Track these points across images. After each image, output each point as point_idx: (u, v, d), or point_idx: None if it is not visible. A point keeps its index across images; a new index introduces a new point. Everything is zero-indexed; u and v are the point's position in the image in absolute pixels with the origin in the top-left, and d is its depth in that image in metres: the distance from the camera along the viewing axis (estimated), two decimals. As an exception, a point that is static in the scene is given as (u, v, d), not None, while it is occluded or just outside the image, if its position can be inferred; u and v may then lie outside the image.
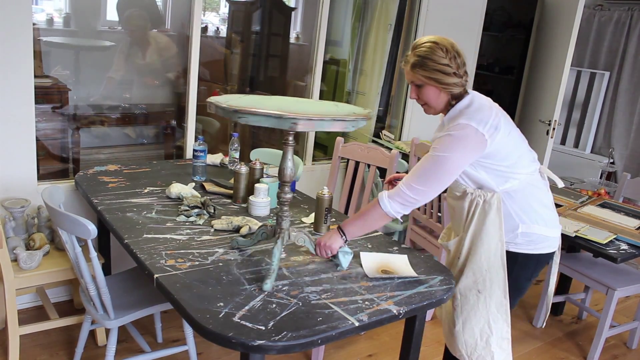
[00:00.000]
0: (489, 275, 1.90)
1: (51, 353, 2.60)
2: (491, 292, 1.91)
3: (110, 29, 4.24)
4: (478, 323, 1.94)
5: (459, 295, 1.96)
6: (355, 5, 4.21)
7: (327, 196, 2.16)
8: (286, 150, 1.76)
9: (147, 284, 2.31)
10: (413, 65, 1.81)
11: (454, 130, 1.75)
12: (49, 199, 2.04)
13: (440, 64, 1.77)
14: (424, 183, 1.75)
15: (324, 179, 3.59)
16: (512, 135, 1.83)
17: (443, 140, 1.76)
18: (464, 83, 1.83)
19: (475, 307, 1.94)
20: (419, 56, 1.80)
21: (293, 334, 1.48)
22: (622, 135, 4.90)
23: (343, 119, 1.63)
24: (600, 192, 3.56)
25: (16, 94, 2.62)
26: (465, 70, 1.84)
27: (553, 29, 4.34)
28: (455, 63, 1.79)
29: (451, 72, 1.78)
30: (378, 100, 4.06)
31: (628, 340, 3.23)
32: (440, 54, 1.77)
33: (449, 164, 1.74)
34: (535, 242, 1.92)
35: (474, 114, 1.77)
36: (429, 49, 1.78)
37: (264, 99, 1.92)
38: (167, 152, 4.12)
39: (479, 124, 1.74)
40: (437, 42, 1.79)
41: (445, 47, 1.78)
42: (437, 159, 1.75)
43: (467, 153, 1.76)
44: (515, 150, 1.84)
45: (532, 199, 1.89)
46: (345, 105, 1.89)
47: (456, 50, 1.81)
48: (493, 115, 1.79)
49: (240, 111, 1.57)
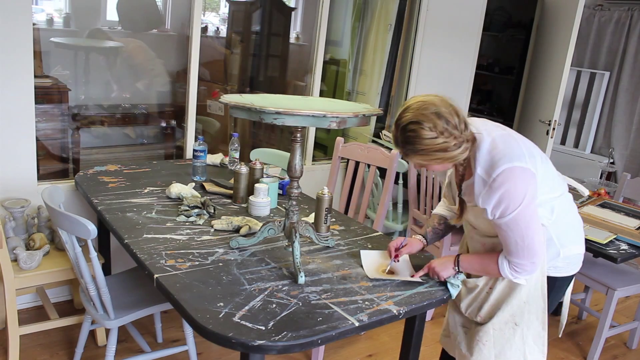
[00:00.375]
0: (527, 308, 1.78)
1: (51, 353, 2.60)
2: (529, 324, 1.80)
3: (110, 29, 4.25)
4: (513, 356, 1.82)
5: (491, 330, 1.82)
6: (355, 5, 4.21)
7: (327, 196, 2.16)
8: (294, 147, 1.83)
9: (147, 284, 2.31)
10: (405, 154, 1.61)
11: (503, 182, 1.55)
12: (49, 199, 2.04)
13: (435, 145, 1.54)
14: (527, 247, 1.61)
15: (324, 179, 3.59)
16: (541, 153, 1.70)
17: (504, 199, 1.56)
18: (469, 136, 1.59)
19: (511, 341, 1.81)
20: (408, 143, 1.56)
21: (293, 334, 1.48)
22: (622, 135, 4.90)
23: (371, 114, 1.74)
24: (600, 192, 3.56)
25: (16, 94, 2.62)
26: (465, 120, 1.58)
27: (553, 29, 4.34)
28: (451, 131, 1.53)
29: (451, 145, 1.54)
30: (378, 100, 4.06)
31: (628, 340, 3.23)
32: (430, 135, 1.52)
33: (528, 213, 1.58)
34: (573, 263, 1.85)
35: (507, 152, 1.58)
36: (415, 134, 1.53)
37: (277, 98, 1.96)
38: (167, 152, 4.13)
39: (519, 160, 1.57)
40: (420, 121, 1.52)
41: (432, 123, 1.52)
42: (515, 219, 1.58)
43: (532, 193, 1.58)
44: (550, 170, 1.71)
45: (568, 219, 1.80)
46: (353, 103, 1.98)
47: (444, 113, 1.54)
48: (520, 143, 1.64)
49: (282, 113, 1.61)
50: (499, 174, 1.56)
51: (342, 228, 2.31)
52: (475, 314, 1.88)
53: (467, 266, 1.80)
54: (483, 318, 1.85)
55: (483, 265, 1.76)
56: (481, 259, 1.77)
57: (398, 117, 1.59)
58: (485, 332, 1.83)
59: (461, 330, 1.96)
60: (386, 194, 2.78)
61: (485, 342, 1.83)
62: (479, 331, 1.85)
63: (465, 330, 1.95)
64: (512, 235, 1.62)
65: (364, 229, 2.31)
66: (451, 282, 1.83)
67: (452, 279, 1.83)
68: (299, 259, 1.82)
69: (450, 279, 1.83)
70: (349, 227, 2.32)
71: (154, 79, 4.20)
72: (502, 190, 1.56)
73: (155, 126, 4.26)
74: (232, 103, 1.69)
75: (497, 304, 1.81)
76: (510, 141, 1.63)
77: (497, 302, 1.81)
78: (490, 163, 1.59)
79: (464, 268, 1.81)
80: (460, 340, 1.94)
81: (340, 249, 2.08)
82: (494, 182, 1.57)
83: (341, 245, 2.11)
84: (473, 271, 1.81)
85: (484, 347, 1.83)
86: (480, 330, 1.85)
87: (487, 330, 1.83)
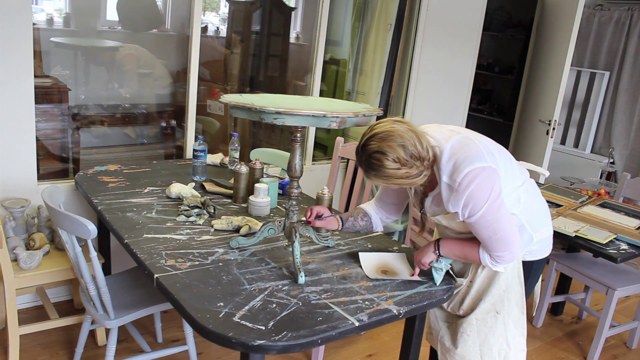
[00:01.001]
0: (506, 295, 1.86)
1: (51, 353, 2.60)
2: (509, 310, 1.87)
3: (110, 29, 4.25)
4: (496, 342, 1.89)
5: (474, 320, 1.89)
6: (355, 5, 4.21)
7: (327, 196, 2.16)
8: (294, 147, 1.82)
9: (147, 284, 2.31)
10: (367, 176, 1.65)
11: (468, 184, 1.60)
12: (49, 198, 2.04)
13: (396, 174, 1.59)
14: (502, 240, 1.66)
15: (324, 179, 3.59)
16: (498, 147, 1.74)
17: (470, 200, 1.61)
18: (430, 164, 1.64)
19: (494, 328, 1.88)
20: (372, 169, 1.61)
21: (293, 334, 1.48)
22: (622, 135, 4.90)
23: (371, 114, 1.75)
24: (600, 192, 3.56)
25: (16, 93, 2.62)
26: (427, 146, 1.62)
27: (553, 29, 4.34)
28: (413, 163, 1.59)
29: (413, 174, 1.60)
30: (378, 100, 4.05)
31: (628, 340, 3.23)
32: (393, 166, 1.58)
33: (494, 209, 1.62)
34: (546, 245, 1.91)
35: (467, 155, 1.63)
36: (379, 163, 1.58)
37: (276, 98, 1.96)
38: (167, 152, 4.13)
39: (480, 160, 1.62)
40: (385, 152, 1.57)
41: (396, 155, 1.56)
42: (483, 217, 1.63)
43: (496, 190, 1.62)
44: (509, 161, 1.75)
45: (535, 203, 1.85)
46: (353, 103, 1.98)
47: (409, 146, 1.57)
48: (477, 143, 1.67)
49: (282, 112, 1.61)
50: (463, 178, 1.61)
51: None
52: (458, 308, 1.94)
53: (447, 251, 1.83)
54: (465, 311, 1.92)
55: (464, 252, 1.80)
56: (462, 246, 1.81)
57: (364, 143, 1.62)
58: (469, 323, 1.90)
59: (443, 325, 2.02)
60: (386, 194, 2.78)
61: (470, 332, 1.90)
62: (462, 323, 1.91)
63: (448, 324, 2.01)
64: (484, 232, 1.67)
65: (364, 229, 2.31)
66: (434, 267, 1.84)
67: (435, 263, 1.84)
68: (299, 259, 1.82)
69: (433, 264, 1.84)
70: (349, 227, 2.32)
71: (154, 81, 4.21)
72: (468, 191, 1.61)
73: (155, 126, 4.26)
74: (232, 103, 1.69)
75: (478, 296, 1.88)
76: (467, 143, 1.67)
77: (478, 293, 1.88)
78: (453, 169, 1.64)
79: (444, 253, 1.83)
80: (443, 335, 2.00)
81: (340, 249, 2.08)
82: (459, 186, 1.62)
83: (341, 245, 2.12)
84: (452, 256, 1.84)
85: (469, 338, 1.90)
86: (463, 322, 1.91)
87: (470, 321, 1.89)
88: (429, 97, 4.11)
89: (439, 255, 1.84)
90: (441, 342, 2.01)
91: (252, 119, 1.67)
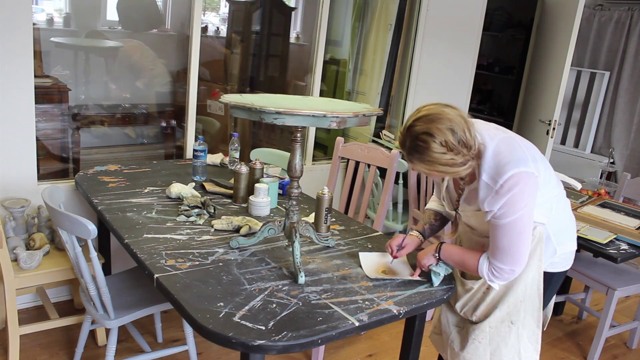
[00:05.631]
0: (523, 307, 1.81)
1: (51, 353, 2.60)
2: (524, 322, 1.82)
3: (110, 29, 4.25)
4: (508, 354, 1.83)
5: (487, 328, 1.84)
6: (355, 5, 4.21)
7: (327, 196, 2.16)
8: (295, 147, 1.82)
9: (147, 284, 2.31)
10: (410, 160, 1.59)
11: (510, 186, 1.55)
12: (49, 198, 2.04)
13: (442, 160, 1.53)
14: (513, 254, 1.63)
15: (324, 179, 3.59)
16: (540, 154, 1.70)
17: (507, 203, 1.57)
18: (475, 154, 1.58)
19: (507, 339, 1.83)
20: (416, 152, 1.55)
21: (293, 334, 1.48)
22: (622, 135, 4.90)
23: (371, 114, 1.74)
24: (600, 192, 3.56)
25: (16, 93, 2.62)
26: (475, 136, 1.57)
27: (553, 29, 4.34)
28: (460, 149, 1.52)
29: (458, 162, 1.54)
30: (378, 100, 4.06)
31: (628, 340, 3.23)
32: (440, 150, 1.51)
33: (524, 221, 1.60)
34: (568, 259, 1.88)
35: (512, 157, 1.57)
36: (425, 145, 1.52)
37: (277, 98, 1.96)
38: (167, 152, 4.13)
39: (525, 165, 1.57)
40: (433, 134, 1.50)
41: (444, 138, 1.50)
42: (512, 224, 1.59)
43: (532, 200, 1.60)
44: (549, 170, 1.71)
45: (564, 217, 1.82)
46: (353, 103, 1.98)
47: (458, 130, 1.52)
48: (522, 147, 1.63)
49: (282, 113, 1.60)
50: (507, 180, 1.56)
51: (342, 228, 2.31)
52: (471, 314, 1.90)
53: (447, 255, 1.81)
54: (478, 317, 1.88)
55: (463, 259, 1.77)
56: (462, 253, 1.78)
57: (411, 124, 1.56)
58: (482, 330, 1.85)
59: (454, 330, 1.98)
60: (386, 194, 2.78)
61: (482, 340, 1.85)
62: (475, 329, 1.87)
63: (459, 329, 1.97)
64: (504, 239, 1.63)
65: (364, 229, 2.31)
66: (433, 270, 1.83)
67: (434, 266, 1.83)
68: (299, 259, 1.82)
69: (432, 267, 1.83)
70: (349, 227, 2.32)
71: (154, 79, 4.21)
72: (509, 195, 1.56)
73: (156, 126, 4.26)
74: (232, 103, 1.69)
75: (494, 303, 1.83)
76: (513, 145, 1.62)
77: (494, 300, 1.83)
78: (495, 169, 1.58)
79: (444, 257, 1.81)
80: (453, 339, 1.97)
81: (340, 249, 2.08)
82: (501, 188, 1.57)
83: (341, 245, 2.12)
84: (451, 262, 1.82)
85: (480, 345, 1.86)
86: (476, 328, 1.87)
87: (483, 328, 1.85)
88: (429, 97, 4.09)
89: (438, 259, 1.82)
90: (451, 346, 1.97)
91: (253, 119, 1.67)
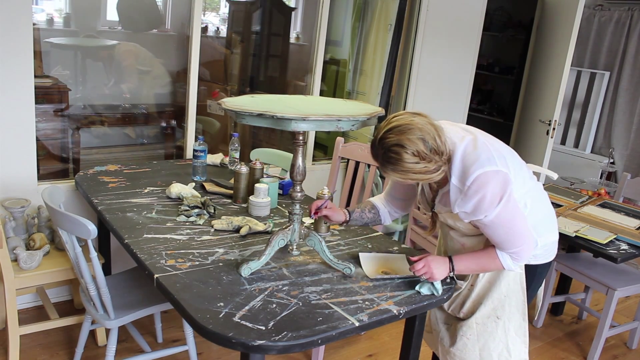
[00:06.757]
0: (508, 301, 1.85)
1: (51, 353, 2.60)
2: (510, 316, 1.86)
3: (110, 29, 4.25)
4: (496, 348, 1.87)
5: (474, 324, 1.88)
6: (355, 5, 4.21)
7: (327, 196, 2.16)
8: (297, 150, 1.79)
9: (147, 284, 2.31)
10: (384, 170, 1.60)
11: (478, 189, 1.57)
12: (49, 199, 2.04)
13: (415, 169, 1.55)
14: (517, 238, 1.66)
15: (324, 179, 3.59)
16: (509, 150, 1.72)
17: (480, 205, 1.58)
18: (447, 159, 1.60)
19: (494, 334, 1.87)
20: (389, 163, 1.56)
21: (293, 334, 1.48)
22: (622, 135, 4.89)
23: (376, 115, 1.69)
24: (600, 192, 3.56)
25: (16, 94, 2.62)
26: (445, 141, 1.59)
27: (553, 29, 4.34)
28: (432, 157, 1.54)
29: (431, 169, 1.56)
30: (378, 100, 4.06)
31: (628, 340, 3.23)
32: (412, 160, 1.53)
33: (508, 211, 1.61)
34: (550, 250, 1.88)
35: (477, 158, 1.59)
36: (398, 156, 1.53)
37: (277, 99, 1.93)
38: (167, 152, 4.13)
39: (491, 164, 1.58)
40: (405, 145, 1.52)
41: (415, 149, 1.52)
42: (496, 219, 1.61)
43: (508, 193, 1.59)
44: (519, 165, 1.72)
45: (542, 208, 1.83)
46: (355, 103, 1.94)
47: (429, 139, 1.53)
48: (488, 146, 1.63)
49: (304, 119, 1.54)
50: (473, 181, 1.57)
51: (342, 228, 2.30)
52: (458, 310, 1.94)
53: (463, 268, 1.78)
54: (465, 313, 1.92)
55: (481, 264, 1.77)
56: (477, 259, 1.77)
57: (382, 136, 1.57)
58: (469, 326, 1.89)
59: (443, 327, 2.01)
60: (386, 194, 2.78)
61: (470, 336, 1.89)
62: (463, 326, 1.91)
63: (447, 326, 2.00)
64: (501, 231, 1.66)
65: (364, 229, 2.31)
66: (435, 287, 1.78)
67: (437, 282, 1.78)
68: (331, 255, 1.82)
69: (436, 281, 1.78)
70: (349, 227, 2.32)
71: (153, 79, 4.20)
72: (478, 196, 1.58)
73: (156, 126, 4.26)
74: (240, 110, 1.59)
75: (478, 299, 1.88)
76: (478, 145, 1.63)
77: (479, 297, 1.88)
78: (462, 171, 1.60)
79: (460, 271, 1.78)
80: (443, 336, 2.00)
81: (340, 249, 2.08)
82: (468, 189, 1.59)
83: (341, 245, 2.11)
84: (469, 271, 1.82)
85: (468, 342, 1.90)
86: (463, 325, 1.90)
87: (471, 324, 1.89)
88: (429, 97, 4.11)
89: (453, 274, 1.79)
90: (441, 343, 2.01)
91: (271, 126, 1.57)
